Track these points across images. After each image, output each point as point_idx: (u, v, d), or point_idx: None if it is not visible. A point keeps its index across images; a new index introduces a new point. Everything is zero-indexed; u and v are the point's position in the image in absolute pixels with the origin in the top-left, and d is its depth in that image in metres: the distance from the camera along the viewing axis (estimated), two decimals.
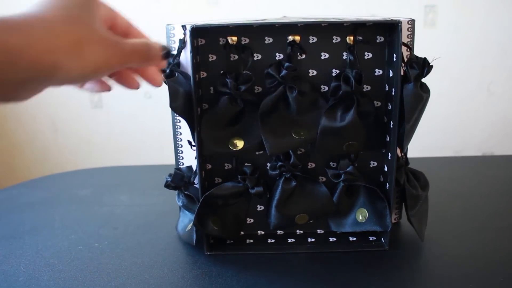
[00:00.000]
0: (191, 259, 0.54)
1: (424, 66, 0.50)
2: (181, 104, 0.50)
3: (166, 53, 0.40)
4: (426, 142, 1.67)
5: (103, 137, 1.71)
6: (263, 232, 0.60)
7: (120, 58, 0.37)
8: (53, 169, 1.69)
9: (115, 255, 0.56)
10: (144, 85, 0.44)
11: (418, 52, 0.52)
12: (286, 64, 0.51)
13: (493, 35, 1.58)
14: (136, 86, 0.43)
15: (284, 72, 0.51)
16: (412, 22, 0.53)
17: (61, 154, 1.74)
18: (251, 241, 0.58)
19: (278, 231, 0.60)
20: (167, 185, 0.57)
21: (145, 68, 0.43)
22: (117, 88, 0.43)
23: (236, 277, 0.50)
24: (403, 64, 0.51)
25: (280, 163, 0.54)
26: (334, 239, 0.58)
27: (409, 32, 0.53)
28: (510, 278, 0.49)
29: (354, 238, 0.58)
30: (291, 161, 0.54)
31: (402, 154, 0.56)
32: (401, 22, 0.49)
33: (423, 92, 0.50)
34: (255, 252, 0.55)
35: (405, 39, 0.52)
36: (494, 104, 1.65)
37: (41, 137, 1.73)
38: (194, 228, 0.55)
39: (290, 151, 0.54)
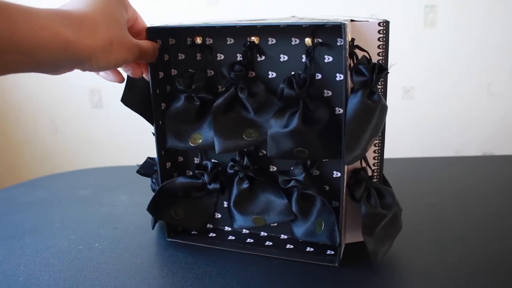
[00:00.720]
0: (191, 259, 0.54)
1: (373, 72, 0.43)
2: (137, 100, 0.54)
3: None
4: (426, 142, 1.67)
5: (103, 137, 1.71)
6: (229, 229, 0.61)
7: (135, 56, 0.47)
8: (53, 169, 1.69)
9: (115, 255, 0.56)
10: None
11: (418, 52, 0.51)
12: (236, 65, 0.51)
13: (493, 35, 1.58)
14: (139, 75, 0.52)
15: (232, 73, 0.51)
16: (384, 24, 0.48)
17: (61, 154, 1.74)
18: (214, 235, 0.59)
19: (244, 230, 0.60)
20: (137, 171, 0.63)
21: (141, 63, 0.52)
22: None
23: (236, 277, 0.50)
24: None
25: (231, 163, 0.55)
26: (291, 246, 0.56)
27: (381, 35, 0.49)
28: (510, 278, 0.49)
29: (312, 249, 0.55)
30: (244, 162, 0.54)
31: (365, 166, 0.52)
32: (344, 24, 0.43)
33: (372, 102, 0.44)
34: (211, 247, 0.57)
35: (375, 42, 0.49)
36: (494, 104, 1.65)
37: (41, 137, 1.72)
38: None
39: (246, 151, 0.55)
